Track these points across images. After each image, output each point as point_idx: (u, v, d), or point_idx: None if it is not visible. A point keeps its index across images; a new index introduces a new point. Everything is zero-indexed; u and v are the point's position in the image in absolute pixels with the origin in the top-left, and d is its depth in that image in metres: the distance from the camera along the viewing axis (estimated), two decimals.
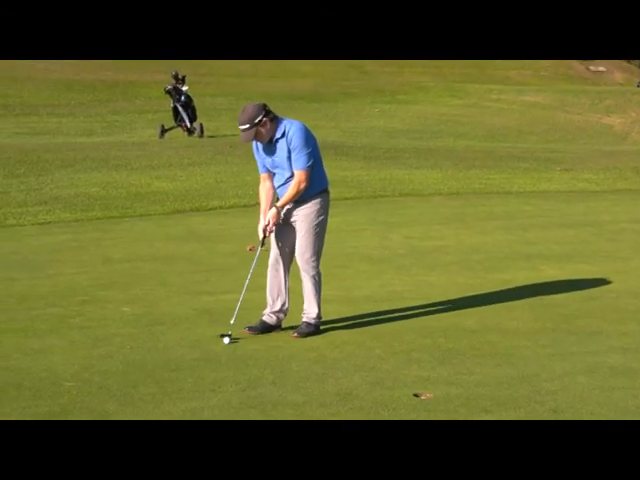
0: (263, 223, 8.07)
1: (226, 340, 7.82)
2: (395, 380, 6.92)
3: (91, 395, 6.65)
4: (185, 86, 27.41)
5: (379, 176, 19.68)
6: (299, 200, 8.01)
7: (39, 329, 8.34)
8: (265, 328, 8.15)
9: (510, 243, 12.39)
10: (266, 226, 8.05)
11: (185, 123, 27.01)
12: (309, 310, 8.12)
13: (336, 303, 8.91)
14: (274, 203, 8.06)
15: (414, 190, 17.99)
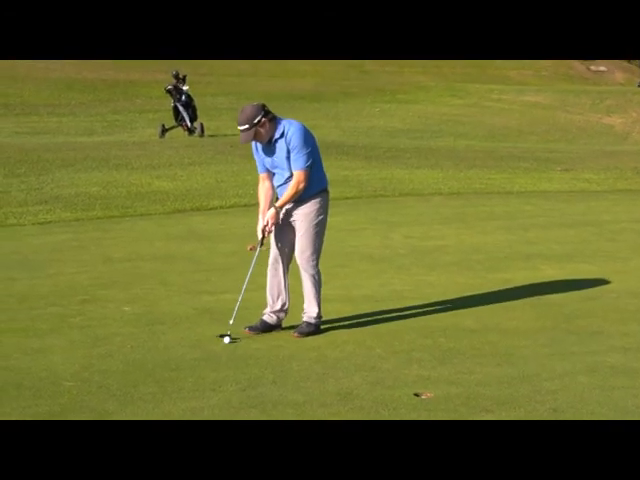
0: (262, 223, 8.07)
1: (226, 340, 7.82)
2: (395, 379, 6.92)
3: (91, 395, 6.65)
4: (186, 86, 27.39)
5: (379, 176, 19.67)
6: (298, 200, 8.01)
7: (39, 329, 8.33)
8: (265, 328, 8.15)
9: (510, 243, 12.38)
10: (265, 226, 8.04)
11: (186, 123, 27.01)
12: (309, 309, 8.12)
13: (336, 302, 8.91)
14: (273, 203, 8.07)
15: (414, 190, 17.98)
